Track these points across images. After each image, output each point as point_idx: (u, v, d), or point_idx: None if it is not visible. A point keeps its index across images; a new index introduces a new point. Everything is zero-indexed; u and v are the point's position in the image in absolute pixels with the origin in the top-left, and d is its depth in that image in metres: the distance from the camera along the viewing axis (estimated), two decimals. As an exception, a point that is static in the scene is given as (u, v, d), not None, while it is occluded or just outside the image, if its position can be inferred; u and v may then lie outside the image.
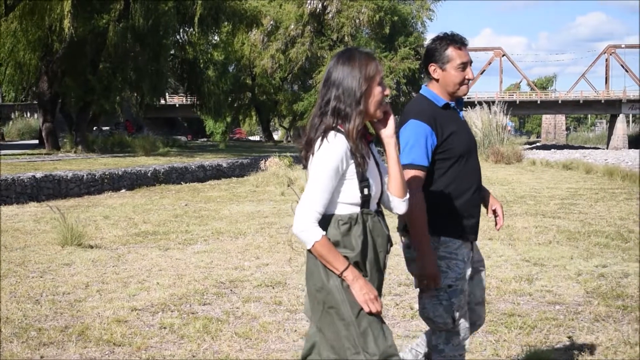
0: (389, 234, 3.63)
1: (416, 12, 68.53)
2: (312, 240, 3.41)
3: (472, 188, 4.40)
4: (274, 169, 26.24)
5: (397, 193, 3.68)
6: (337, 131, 3.48)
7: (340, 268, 3.43)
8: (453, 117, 4.40)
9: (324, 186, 3.42)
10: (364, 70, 3.49)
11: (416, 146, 4.22)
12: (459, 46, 4.36)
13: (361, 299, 3.43)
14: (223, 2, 39.28)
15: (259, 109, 71.64)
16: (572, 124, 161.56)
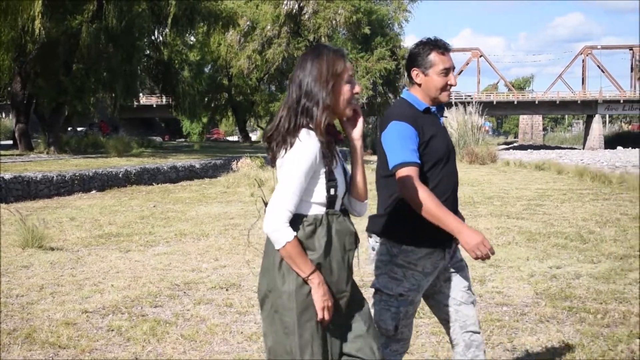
0: (355, 232, 3.60)
1: (393, 13, 68.65)
2: (283, 241, 3.38)
3: (447, 193, 4.35)
4: (245, 170, 26.27)
5: (360, 196, 3.68)
6: (309, 129, 3.46)
7: (307, 271, 3.41)
8: (433, 121, 4.38)
9: (297, 185, 3.39)
10: (331, 67, 3.48)
11: (403, 145, 4.18)
12: (442, 51, 4.36)
13: (320, 304, 3.42)
14: (198, 3, 39.23)
15: (235, 109, 71.64)
16: (549, 125, 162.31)
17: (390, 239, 4.30)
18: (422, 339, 6.59)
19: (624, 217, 15.24)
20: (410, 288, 4.27)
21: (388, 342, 4.35)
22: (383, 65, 58.70)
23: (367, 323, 3.68)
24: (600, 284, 8.88)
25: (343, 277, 3.55)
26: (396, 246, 4.28)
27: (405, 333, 4.37)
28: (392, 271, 4.29)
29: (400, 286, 4.27)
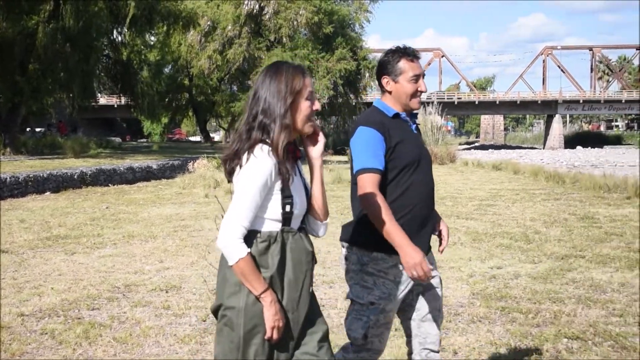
0: (312, 250, 3.58)
1: (354, 14, 68.76)
2: (236, 257, 3.34)
3: (418, 202, 4.32)
4: (201, 171, 26.23)
5: (319, 216, 3.67)
6: (265, 144, 3.43)
7: (260, 289, 3.38)
8: (402, 127, 4.37)
9: (251, 201, 3.37)
10: (290, 84, 3.46)
11: (368, 150, 4.19)
12: (412, 58, 4.37)
13: (270, 323, 3.38)
14: (157, 3, 39.10)
15: (196, 109, 71.43)
16: (510, 124, 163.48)
17: (360, 247, 4.29)
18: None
19: (571, 217, 15.43)
20: (380, 296, 4.23)
21: (358, 350, 4.32)
22: (344, 66, 58.68)
23: (322, 345, 3.63)
24: (537, 284, 9.00)
25: (295, 297, 3.51)
26: (366, 254, 4.26)
27: (375, 343, 4.30)
28: (363, 280, 4.27)
29: (370, 294, 4.24)
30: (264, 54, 61.21)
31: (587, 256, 10.89)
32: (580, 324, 7.18)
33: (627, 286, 8.91)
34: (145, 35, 44.02)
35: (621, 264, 10.29)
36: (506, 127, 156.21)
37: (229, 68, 63.42)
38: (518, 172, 31.63)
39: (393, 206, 4.21)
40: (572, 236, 12.84)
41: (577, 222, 14.62)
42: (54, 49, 34.44)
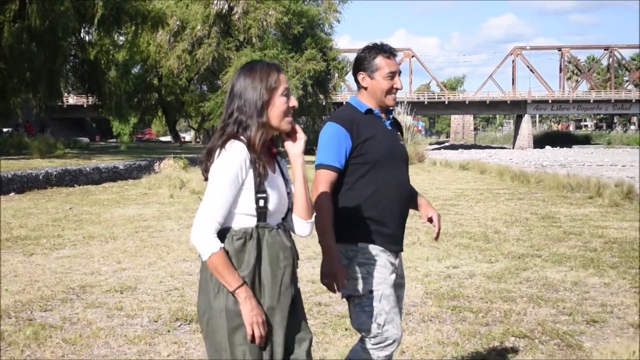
0: (291, 246, 3.55)
1: (324, 14, 68.88)
2: (208, 252, 3.34)
3: (391, 197, 4.33)
4: (168, 171, 26.18)
5: (301, 214, 3.63)
6: (237, 139, 3.44)
7: (234, 285, 3.35)
8: (374, 123, 4.39)
9: (223, 195, 3.37)
10: (265, 81, 3.48)
11: (329, 147, 4.23)
12: (388, 55, 4.40)
13: (248, 320, 3.35)
14: (125, 3, 38.97)
15: (165, 109, 71.22)
16: (481, 124, 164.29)
17: (344, 242, 4.26)
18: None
19: (532, 217, 15.56)
20: (378, 282, 4.23)
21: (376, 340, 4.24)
22: (313, 66, 58.74)
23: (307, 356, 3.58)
24: (491, 283, 9.08)
25: (274, 293, 3.47)
26: (351, 248, 4.27)
27: (390, 330, 4.24)
28: (355, 272, 4.25)
29: (367, 283, 4.23)
30: (233, 54, 61.20)
31: (544, 255, 11.00)
32: (529, 322, 7.26)
33: (579, 285, 9.01)
34: (113, 35, 43.86)
35: (576, 263, 10.40)
36: (476, 127, 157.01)
37: (198, 68, 63.37)
38: (485, 172, 31.82)
39: (367, 202, 4.27)
40: (531, 235, 12.96)
41: (538, 222, 14.74)
42: (20, 49, 34.22)
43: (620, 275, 9.57)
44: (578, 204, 18.42)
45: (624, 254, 11.15)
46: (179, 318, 7.44)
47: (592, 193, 20.18)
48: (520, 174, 27.74)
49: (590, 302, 8.15)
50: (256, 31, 60.37)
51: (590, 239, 12.55)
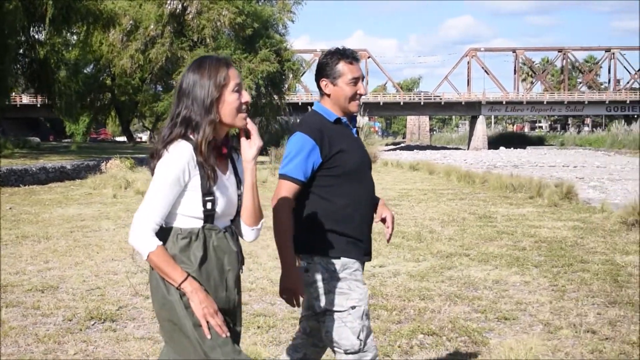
0: (237, 250, 3.49)
1: (278, 14, 68.96)
2: (146, 251, 3.28)
3: (363, 209, 4.32)
4: (114, 171, 26.07)
5: (248, 221, 3.57)
6: (185, 139, 3.36)
7: (178, 280, 3.28)
8: (344, 133, 4.34)
9: (163, 196, 3.30)
10: (213, 77, 3.38)
11: (295, 158, 4.17)
12: (350, 61, 4.32)
13: (199, 312, 3.29)
14: (76, 2, 38.66)
15: (119, 109, 70.77)
16: (437, 125, 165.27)
17: (323, 256, 4.21)
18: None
19: (470, 217, 15.73)
20: (359, 298, 4.19)
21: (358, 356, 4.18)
22: (266, 67, 58.75)
23: None
24: (413, 281, 9.18)
25: (221, 297, 3.42)
26: (332, 262, 4.21)
27: (369, 344, 4.23)
28: (336, 287, 4.19)
29: (350, 299, 4.17)
30: (187, 54, 61.00)
31: (472, 254, 11.14)
32: (440, 320, 7.36)
33: (500, 283, 9.16)
34: (62, 34, 43.50)
35: (501, 262, 10.55)
36: (433, 128, 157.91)
37: (152, 68, 63.02)
38: (433, 173, 32.10)
39: (343, 214, 4.23)
40: (464, 235, 13.10)
41: (474, 222, 14.90)
42: (-34, 48, 33.86)
43: (542, 273, 9.73)
44: (518, 204, 18.66)
45: (550, 252, 11.34)
46: (93, 317, 7.45)
47: (532, 193, 20.43)
48: (467, 174, 28.01)
49: (505, 300, 8.28)
50: (210, 31, 60.22)
51: (521, 239, 12.73)
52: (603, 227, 14.23)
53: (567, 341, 6.72)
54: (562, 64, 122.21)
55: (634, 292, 8.69)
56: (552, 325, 7.23)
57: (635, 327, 7.16)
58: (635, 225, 13.89)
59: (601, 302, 8.19)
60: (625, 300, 8.22)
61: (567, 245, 12.09)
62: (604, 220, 14.96)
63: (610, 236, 13.08)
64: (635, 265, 10.31)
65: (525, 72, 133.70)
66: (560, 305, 8.06)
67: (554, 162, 55.97)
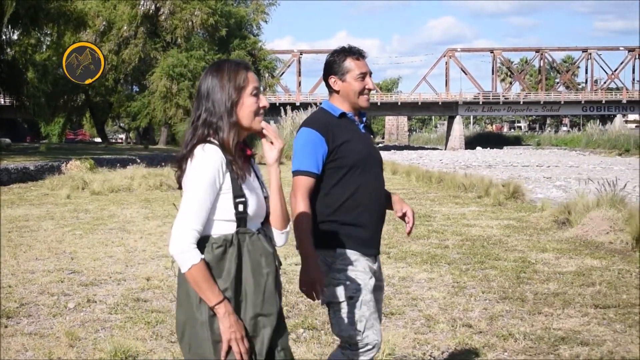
0: (273, 251, 3.44)
1: (252, 15, 69.30)
2: (189, 264, 3.21)
3: (368, 201, 4.34)
4: (73, 172, 26.17)
5: (276, 224, 3.52)
6: (209, 142, 3.33)
7: (214, 300, 3.23)
8: (349, 126, 4.40)
9: (201, 202, 3.25)
10: (233, 80, 3.38)
11: (305, 153, 4.24)
12: (357, 57, 4.43)
13: (227, 336, 3.22)
14: (45, 3, 38.72)
15: (93, 110, 70.76)
16: (416, 125, 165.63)
17: (322, 249, 4.25)
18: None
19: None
20: (357, 288, 4.23)
21: (357, 347, 4.27)
22: (239, 67, 59.00)
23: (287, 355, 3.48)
24: (320, 279, 9.39)
25: (258, 301, 3.37)
26: (330, 254, 4.27)
27: (371, 337, 4.25)
28: (334, 279, 4.25)
29: (346, 290, 4.23)
30: (160, 55, 61.24)
31: (392, 252, 11.38)
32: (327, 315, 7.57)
33: (406, 280, 9.40)
34: (31, 34, 43.52)
35: (417, 259, 10.80)
36: (412, 129, 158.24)
37: (125, 68, 63.16)
38: (396, 173, 32.35)
39: (344, 206, 4.29)
40: (395, 234, 13.32)
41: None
42: None
43: (450, 270, 9.99)
44: (463, 204, 18.95)
45: (469, 250, 11.60)
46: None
47: (481, 193, 20.70)
48: (425, 174, 28.28)
49: (401, 296, 8.52)
50: (182, 32, 60.49)
51: (448, 237, 13.00)
52: (535, 225, 14.52)
53: (440, 335, 6.97)
54: (540, 64, 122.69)
55: (531, 287, 8.97)
56: (434, 319, 7.49)
57: (514, 321, 7.44)
58: (566, 223, 14.17)
59: (493, 298, 8.46)
60: (516, 296, 8.49)
61: (489, 243, 12.36)
62: (539, 219, 15.21)
63: (537, 234, 13.38)
64: (545, 262, 10.60)
65: (504, 73, 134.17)
66: (452, 301, 8.32)
67: (528, 162, 56.25)
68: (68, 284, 9.10)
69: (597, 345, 6.62)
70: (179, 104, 59.45)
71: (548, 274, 9.78)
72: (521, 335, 6.87)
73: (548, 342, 6.70)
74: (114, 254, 11.29)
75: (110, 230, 13.84)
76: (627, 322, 7.38)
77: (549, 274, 9.78)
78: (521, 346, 6.62)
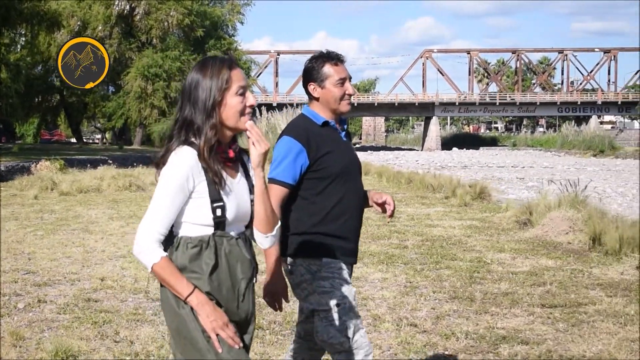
0: (250, 258, 3.39)
1: (228, 15, 69.29)
2: (150, 263, 3.20)
3: (351, 211, 4.37)
4: (43, 172, 26.06)
5: (260, 227, 3.44)
6: (188, 144, 3.28)
7: (185, 293, 3.19)
8: (331, 136, 4.38)
9: (166, 205, 3.22)
10: (215, 79, 3.28)
11: (283, 162, 4.21)
12: (335, 62, 4.38)
13: (208, 326, 3.20)
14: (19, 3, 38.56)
15: (68, 110, 70.47)
16: (394, 126, 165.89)
17: (306, 257, 4.29)
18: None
19: (373, 217, 15.98)
20: (343, 295, 4.24)
21: (349, 356, 4.24)
22: (215, 68, 58.98)
23: None
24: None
25: (233, 308, 3.34)
26: (315, 262, 4.28)
27: (360, 341, 4.24)
28: (319, 287, 4.26)
29: (333, 297, 4.23)
30: (135, 55, 61.13)
31: (350, 253, 11.40)
32: (276, 314, 7.60)
33: (360, 280, 9.41)
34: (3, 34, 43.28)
35: (374, 260, 10.86)
36: (389, 129, 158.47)
37: (100, 69, 62.86)
38: (368, 173, 32.39)
39: (330, 216, 4.30)
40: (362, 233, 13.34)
41: (376, 221, 15.15)
42: None
43: (405, 270, 10.06)
44: (430, 204, 19.05)
45: (427, 251, 11.69)
46: None
47: (448, 193, 20.82)
48: (396, 175, 28.41)
49: (352, 296, 8.57)
50: (157, 32, 60.39)
51: (409, 237, 13.08)
52: (497, 226, 14.64)
53: (384, 334, 7.05)
54: (517, 66, 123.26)
55: (482, 287, 9.07)
56: (380, 319, 7.56)
57: (459, 321, 7.52)
58: (527, 224, 14.29)
59: (443, 298, 8.54)
60: (466, 296, 8.58)
61: (449, 243, 12.45)
62: (502, 219, 15.33)
63: (498, 235, 13.50)
64: (500, 262, 10.70)
65: (481, 74, 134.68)
66: (402, 300, 8.39)
67: (503, 163, 56.56)
68: (22, 284, 9.11)
69: (537, 344, 6.72)
70: (154, 104, 59.34)
71: (501, 273, 9.89)
72: (463, 335, 6.97)
73: (489, 341, 6.80)
74: (72, 254, 11.30)
75: (72, 231, 13.82)
76: (570, 322, 7.50)
77: (502, 273, 9.89)
78: (462, 345, 6.71)
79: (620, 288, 9.03)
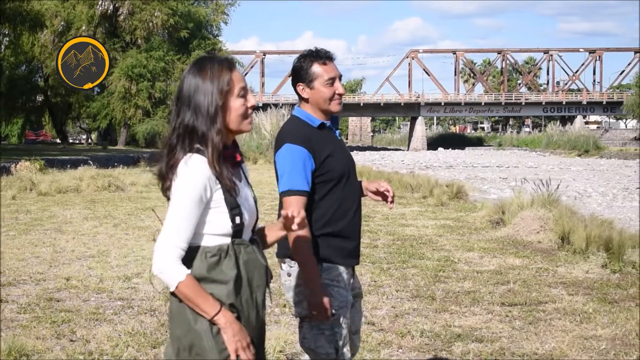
0: (266, 265, 3.28)
1: (212, 16, 69.32)
2: (175, 282, 3.03)
3: (353, 209, 4.26)
4: (22, 173, 26.00)
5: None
6: (199, 153, 3.12)
7: (211, 312, 3.05)
8: (329, 137, 4.26)
9: (186, 218, 3.06)
10: (216, 82, 3.14)
11: (294, 171, 4.05)
12: (324, 61, 4.22)
13: (232, 346, 3.06)
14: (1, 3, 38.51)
15: (52, 110, 70.35)
16: (381, 126, 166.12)
17: None
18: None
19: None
20: (340, 305, 4.12)
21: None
22: (199, 68, 59.02)
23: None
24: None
25: (252, 318, 3.21)
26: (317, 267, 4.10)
27: (346, 354, 4.15)
28: None
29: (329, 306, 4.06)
30: (119, 55, 61.09)
31: (320, 252, 11.44)
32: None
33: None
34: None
35: (342, 259, 10.86)
36: (376, 129, 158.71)
37: (84, 69, 62.79)
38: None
39: (333, 218, 4.18)
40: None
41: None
42: None
43: (372, 269, 10.09)
44: (407, 204, 19.11)
45: (397, 250, 11.73)
46: None
47: (425, 193, 20.89)
48: (376, 175, 28.47)
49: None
50: (142, 32, 60.39)
51: (381, 237, 13.13)
52: (471, 225, 14.72)
53: (340, 332, 7.08)
54: (502, 66, 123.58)
55: (445, 286, 9.12)
56: (339, 318, 7.59)
57: (417, 319, 7.57)
58: (500, 223, 14.36)
59: (405, 297, 8.58)
60: (427, 295, 8.63)
61: (419, 243, 12.50)
62: (476, 219, 15.39)
63: (469, 234, 13.57)
64: (468, 261, 10.76)
65: (467, 74, 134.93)
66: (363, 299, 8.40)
67: (488, 163, 56.78)
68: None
69: (491, 341, 6.78)
70: (138, 104, 59.38)
71: (466, 272, 9.95)
72: (419, 333, 7.02)
73: (444, 339, 6.85)
74: (41, 254, 11.29)
75: (45, 231, 13.80)
76: (527, 320, 7.56)
77: (467, 272, 9.95)
78: (417, 343, 6.76)
79: (583, 286, 9.10)
